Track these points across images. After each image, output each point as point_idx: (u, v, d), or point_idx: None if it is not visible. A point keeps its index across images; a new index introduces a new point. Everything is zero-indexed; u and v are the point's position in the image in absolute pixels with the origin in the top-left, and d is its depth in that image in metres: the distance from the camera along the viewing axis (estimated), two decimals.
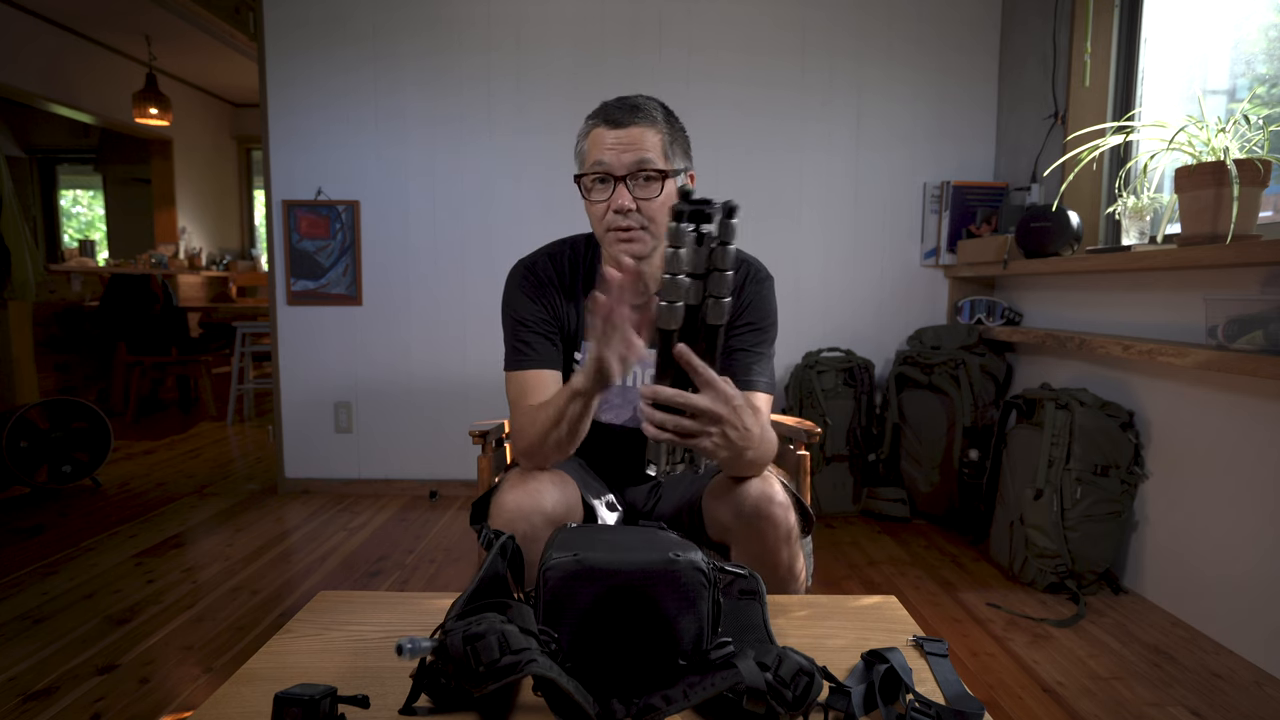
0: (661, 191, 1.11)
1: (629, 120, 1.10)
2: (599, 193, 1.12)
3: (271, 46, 2.96)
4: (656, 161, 1.10)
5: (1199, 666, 1.69)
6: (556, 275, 1.24)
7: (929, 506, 2.73)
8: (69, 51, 4.98)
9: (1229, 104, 2.05)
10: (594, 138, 1.13)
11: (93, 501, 2.99)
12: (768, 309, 1.22)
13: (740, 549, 1.10)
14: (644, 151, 1.09)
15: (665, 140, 1.13)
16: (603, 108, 1.14)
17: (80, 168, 6.97)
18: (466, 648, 0.65)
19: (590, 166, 1.12)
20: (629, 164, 1.09)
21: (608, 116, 1.12)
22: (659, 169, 1.10)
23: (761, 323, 1.20)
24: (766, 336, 1.21)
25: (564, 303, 1.23)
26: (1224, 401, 1.81)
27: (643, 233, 1.12)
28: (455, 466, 3.09)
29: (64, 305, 4.67)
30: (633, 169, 1.09)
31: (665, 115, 1.15)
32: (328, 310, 3.06)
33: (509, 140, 2.97)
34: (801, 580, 1.13)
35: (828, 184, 2.97)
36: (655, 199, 1.11)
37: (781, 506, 1.06)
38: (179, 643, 1.80)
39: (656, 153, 1.11)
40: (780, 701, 0.66)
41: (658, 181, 1.11)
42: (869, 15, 2.90)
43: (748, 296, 1.21)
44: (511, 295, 1.23)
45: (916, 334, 2.88)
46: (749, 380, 1.15)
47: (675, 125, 1.16)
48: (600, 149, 1.11)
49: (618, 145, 1.10)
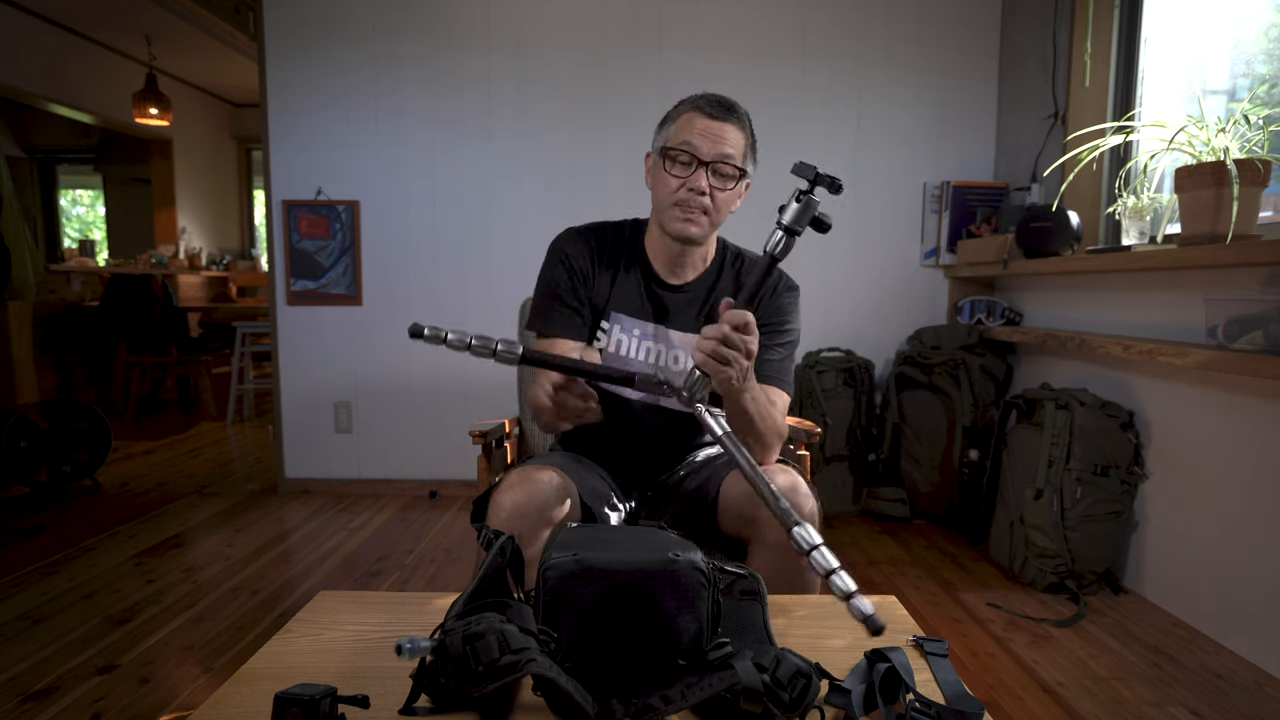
0: (734, 187, 1.20)
1: (725, 116, 1.18)
2: (679, 170, 1.18)
3: (271, 46, 2.96)
4: (738, 159, 1.19)
5: (1199, 666, 1.69)
6: (599, 246, 1.31)
7: (929, 506, 2.73)
8: (69, 51, 4.98)
9: (1229, 104, 2.05)
10: (687, 120, 1.19)
11: (93, 501, 2.99)
12: (789, 315, 1.29)
13: (765, 538, 1.11)
14: (730, 147, 1.18)
15: (748, 145, 1.21)
16: (702, 97, 1.21)
17: (80, 168, 6.97)
18: (466, 647, 0.65)
19: (679, 144, 1.18)
20: (715, 154, 1.17)
21: (706, 107, 1.19)
22: (738, 167, 1.19)
23: (782, 326, 1.28)
24: (785, 340, 1.28)
25: (601, 272, 1.30)
26: (1224, 401, 1.81)
27: (704, 217, 1.20)
28: (455, 466, 3.09)
29: (64, 305, 4.67)
30: (717, 159, 1.17)
31: (750, 124, 1.24)
32: (328, 310, 3.06)
33: (509, 141, 2.97)
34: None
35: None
36: (727, 191, 1.19)
37: (806, 496, 1.11)
38: (179, 643, 1.80)
39: (739, 153, 1.19)
40: (777, 703, 0.66)
41: (734, 178, 1.20)
42: (869, 16, 2.90)
43: (777, 303, 1.29)
44: (552, 260, 1.30)
45: (916, 334, 2.88)
46: (766, 375, 1.21)
47: (754, 136, 1.25)
48: (691, 132, 1.17)
49: (709, 134, 1.17)
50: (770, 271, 0.97)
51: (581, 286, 1.28)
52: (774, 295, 1.29)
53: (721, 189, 1.18)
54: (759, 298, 1.25)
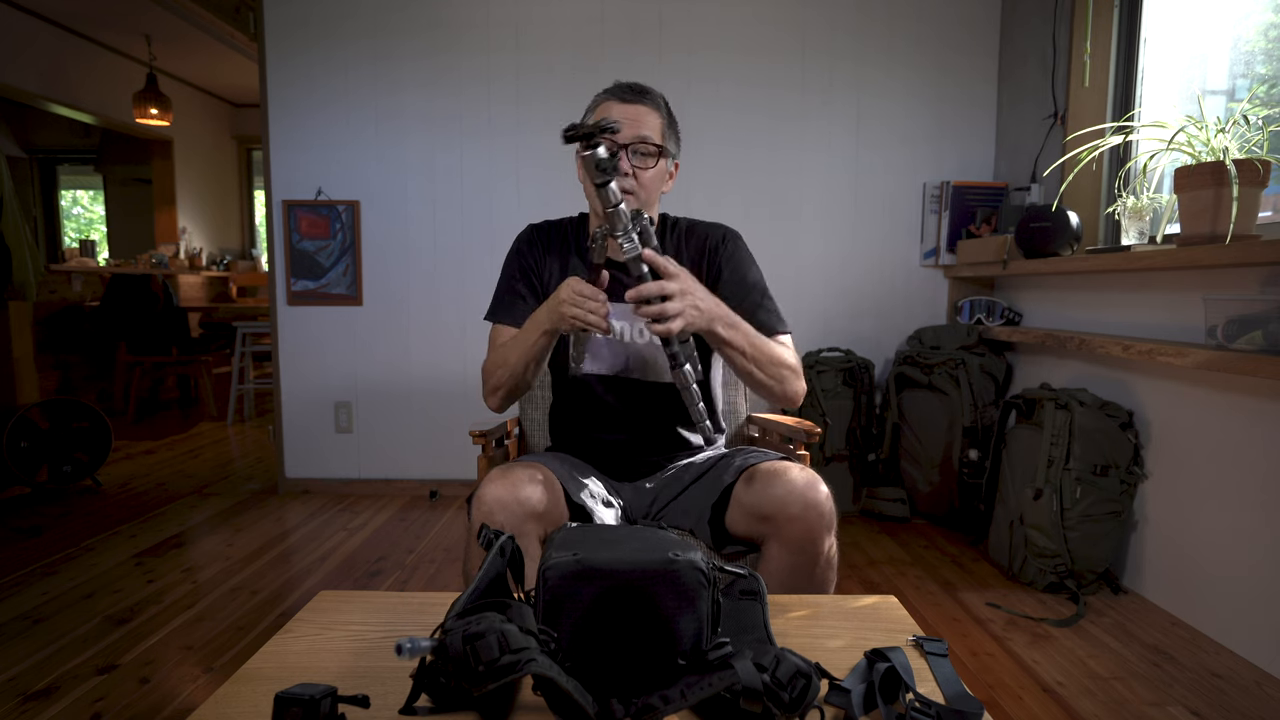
0: (656, 165, 1.26)
1: (637, 99, 1.26)
2: None
3: (271, 46, 2.96)
4: (655, 138, 1.25)
5: (1199, 666, 1.69)
6: (546, 240, 1.40)
7: (929, 506, 2.73)
8: (69, 51, 4.98)
9: (1229, 104, 2.05)
10: (604, 109, 1.26)
11: (93, 501, 2.99)
12: (744, 262, 1.34)
13: (782, 537, 1.11)
14: (646, 129, 1.24)
15: (664, 125, 1.28)
16: (615, 86, 1.28)
17: (80, 168, 6.97)
18: (466, 647, 0.65)
19: None
20: (632, 135, 1.23)
21: (618, 93, 1.27)
22: (657, 144, 1.26)
23: (743, 276, 1.32)
24: (754, 286, 1.32)
25: (550, 261, 1.38)
26: (1224, 401, 1.81)
27: (632, 197, 1.25)
28: (455, 466, 3.09)
29: (64, 305, 4.66)
30: (635, 141, 1.24)
31: (666, 106, 1.30)
32: (328, 310, 3.06)
33: (509, 141, 2.97)
34: (836, 573, 1.16)
35: (827, 184, 2.97)
36: (649, 170, 1.26)
37: (825, 496, 1.12)
38: (179, 643, 1.80)
39: (656, 132, 1.26)
40: (777, 703, 0.66)
41: (654, 156, 1.26)
42: (869, 15, 2.90)
43: (721, 255, 1.33)
44: (513, 252, 1.39)
45: (916, 334, 2.88)
46: (756, 323, 1.23)
47: (673, 117, 1.32)
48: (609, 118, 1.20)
49: (625, 118, 1.23)
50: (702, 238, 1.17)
51: (533, 277, 1.35)
52: (715, 251, 1.34)
53: (643, 168, 1.24)
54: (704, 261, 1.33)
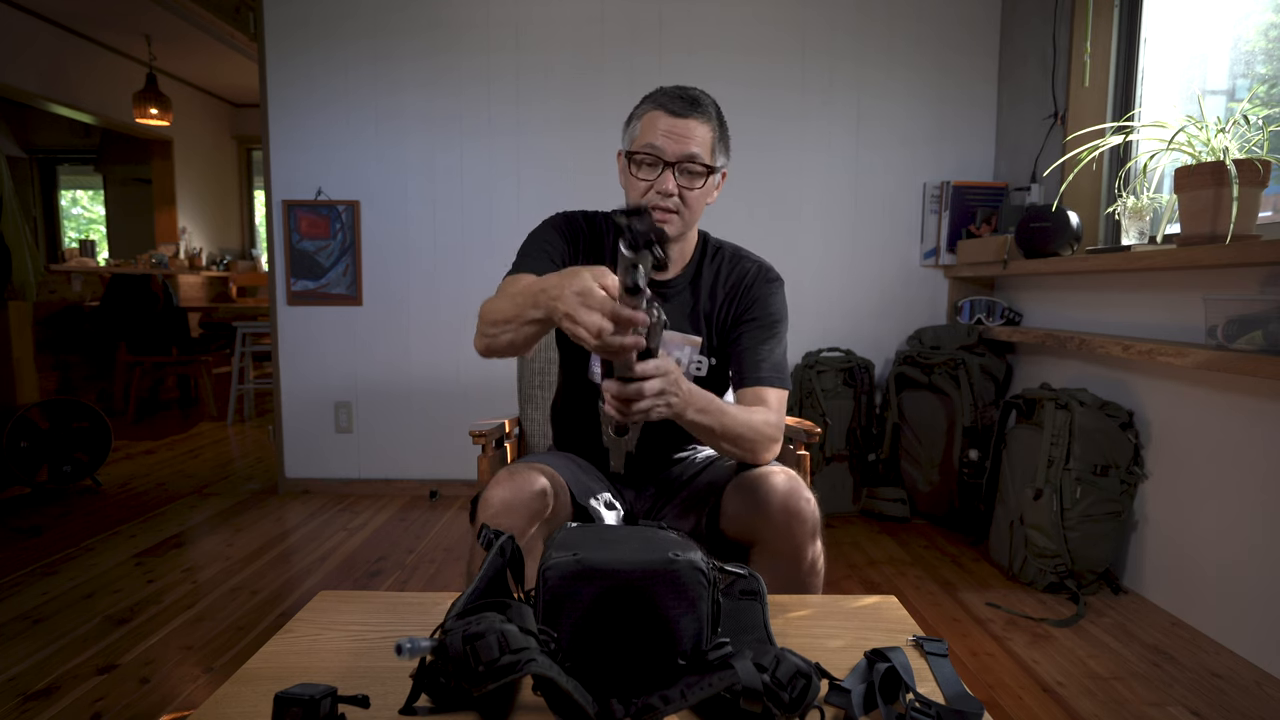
0: (703, 184, 1.17)
1: (688, 112, 1.15)
2: (646, 172, 1.17)
3: (271, 46, 2.96)
4: (704, 157, 1.16)
5: (1199, 666, 1.69)
6: (582, 230, 1.29)
7: (929, 506, 2.73)
8: (69, 51, 4.98)
9: (1229, 104, 2.05)
10: (650, 120, 1.16)
11: (93, 501, 2.99)
12: (774, 307, 1.26)
13: (766, 545, 1.11)
14: (696, 145, 1.15)
15: (715, 138, 1.18)
16: (664, 94, 1.17)
17: (80, 168, 6.97)
18: (466, 647, 0.65)
19: (642, 147, 1.16)
20: (680, 154, 1.14)
21: (668, 104, 1.16)
22: (706, 164, 1.16)
23: (766, 319, 1.25)
24: (773, 334, 1.25)
25: (578, 255, 1.28)
26: (1224, 401, 1.81)
27: (676, 216, 1.18)
28: (455, 466, 3.09)
29: (64, 305, 4.66)
30: (682, 159, 1.15)
31: (718, 113, 1.20)
32: (328, 310, 3.06)
33: (509, 141, 2.97)
34: (822, 577, 1.15)
35: (828, 184, 2.97)
36: (695, 190, 1.17)
37: (809, 502, 1.10)
38: (179, 643, 1.80)
39: (705, 149, 1.16)
40: (777, 703, 0.66)
41: (702, 175, 1.17)
42: (869, 15, 2.90)
43: (755, 294, 1.26)
44: (543, 227, 1.27)
45: (916, 334, 2.88)
46: (756, 376, 1.20)
47: (724, 125, 1.21)
48: (655, 133, 1.15)
49: (672, 133, 1.14)
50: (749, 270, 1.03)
51: (566, 253, 1.24)
52: (750, 288, 1.26)
53: (690, 188, 1.16)
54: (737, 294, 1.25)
